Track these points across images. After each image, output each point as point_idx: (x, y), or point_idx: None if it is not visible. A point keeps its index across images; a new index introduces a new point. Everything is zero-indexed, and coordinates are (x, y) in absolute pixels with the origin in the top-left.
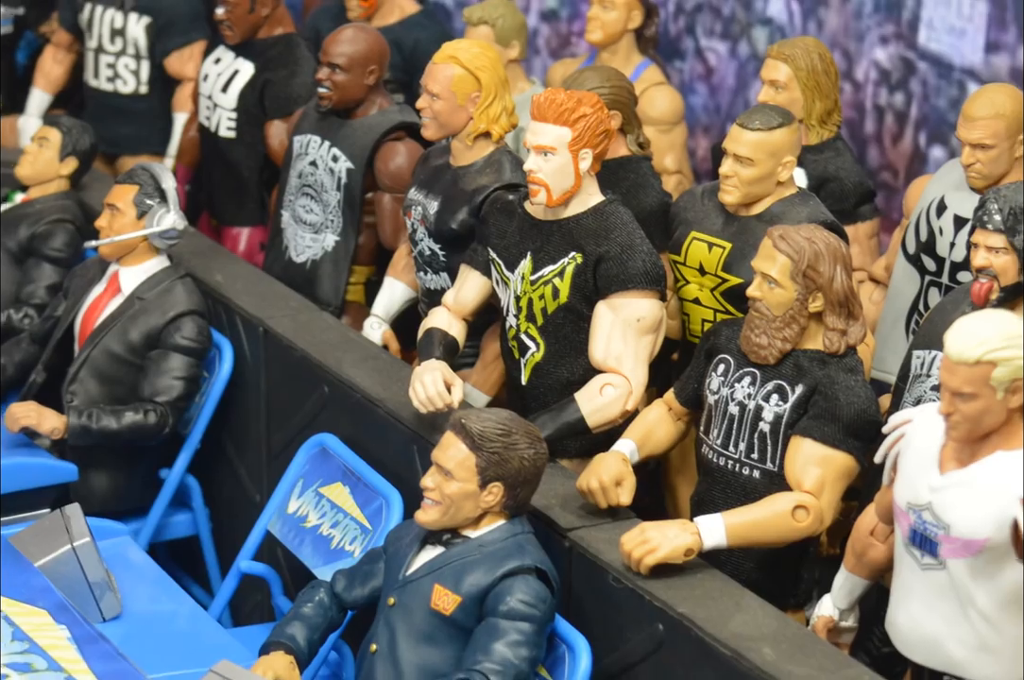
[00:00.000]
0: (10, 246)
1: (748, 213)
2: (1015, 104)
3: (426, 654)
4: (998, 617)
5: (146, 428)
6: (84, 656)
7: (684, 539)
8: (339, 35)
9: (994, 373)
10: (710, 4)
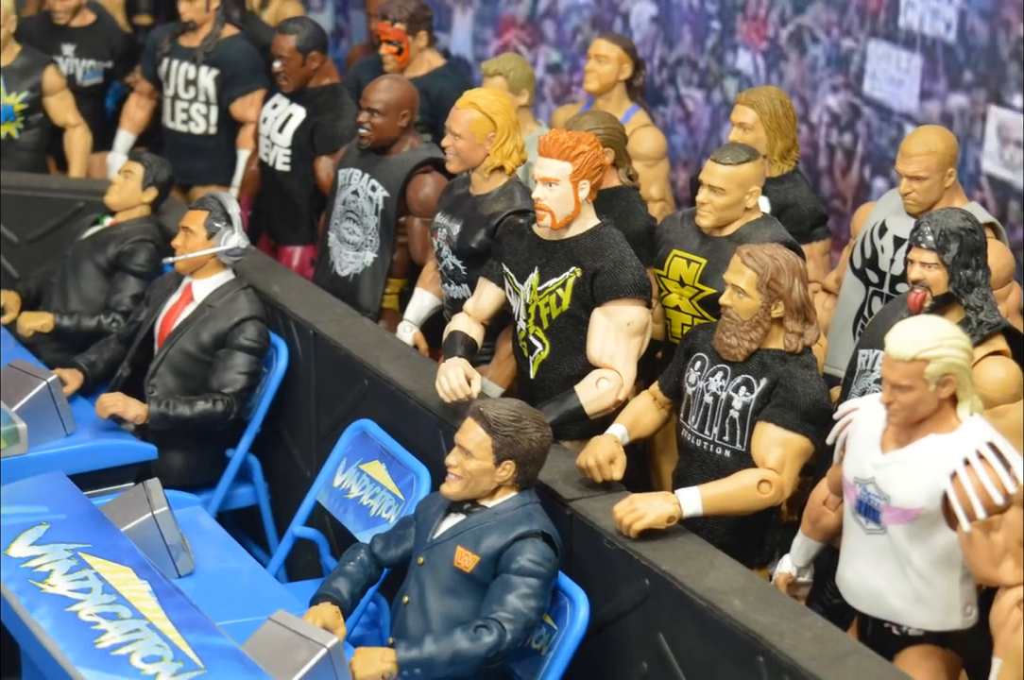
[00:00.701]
0: (100, 262)
1: (721, 234)
2: (945, 143)
3: (450, 605)
4: (931, 574)
5: (214, 415)
6: (162, 606)
7: (667, 508)
8: (377, 85)
9: (927, 369)
10: (688, 58)
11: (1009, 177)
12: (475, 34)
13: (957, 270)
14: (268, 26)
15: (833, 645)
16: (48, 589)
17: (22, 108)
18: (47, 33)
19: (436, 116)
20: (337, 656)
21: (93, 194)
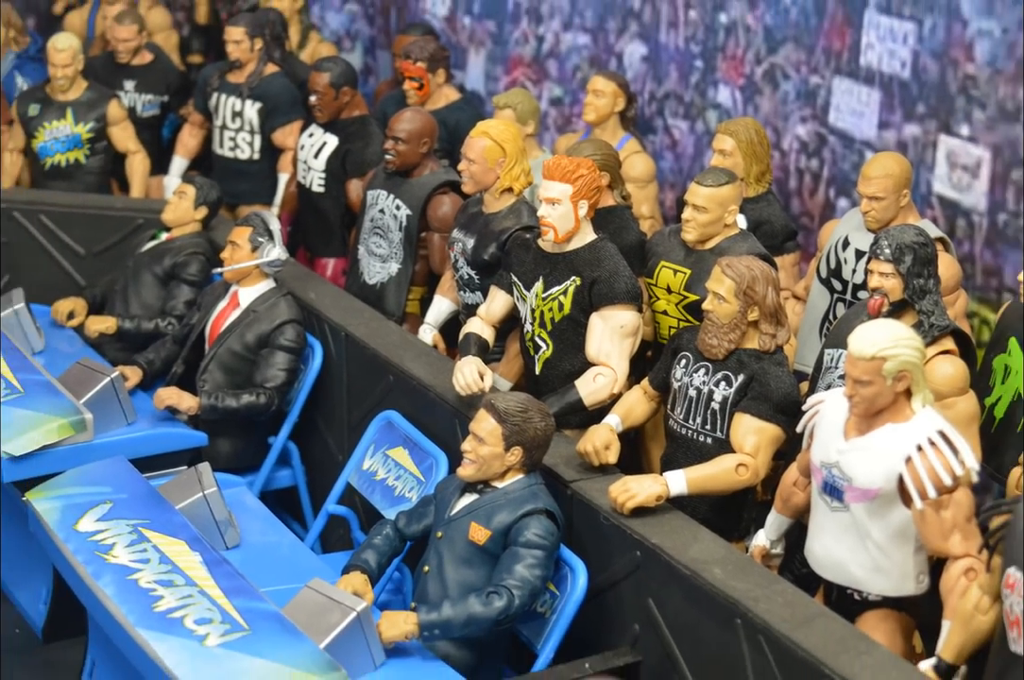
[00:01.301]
0: (157, 272)
1: (703, 247)
2: (901, 167)
3: (465, 574)
4: (888, 546)
5: (258, 407)
6: (212, 575)
7: (656, 488)
8: (401, 116)
9: (885, 366)
10: (675, 93)
11: (957, 198)
12: (487, 71)
13: (911, 279)
14: (305, 64)
15: (802, 609)
16: (111, 560)
17: (89, 137)
18: (110, 71)
19: (453, 144)
20: (366, 619)
21: (151, 212)
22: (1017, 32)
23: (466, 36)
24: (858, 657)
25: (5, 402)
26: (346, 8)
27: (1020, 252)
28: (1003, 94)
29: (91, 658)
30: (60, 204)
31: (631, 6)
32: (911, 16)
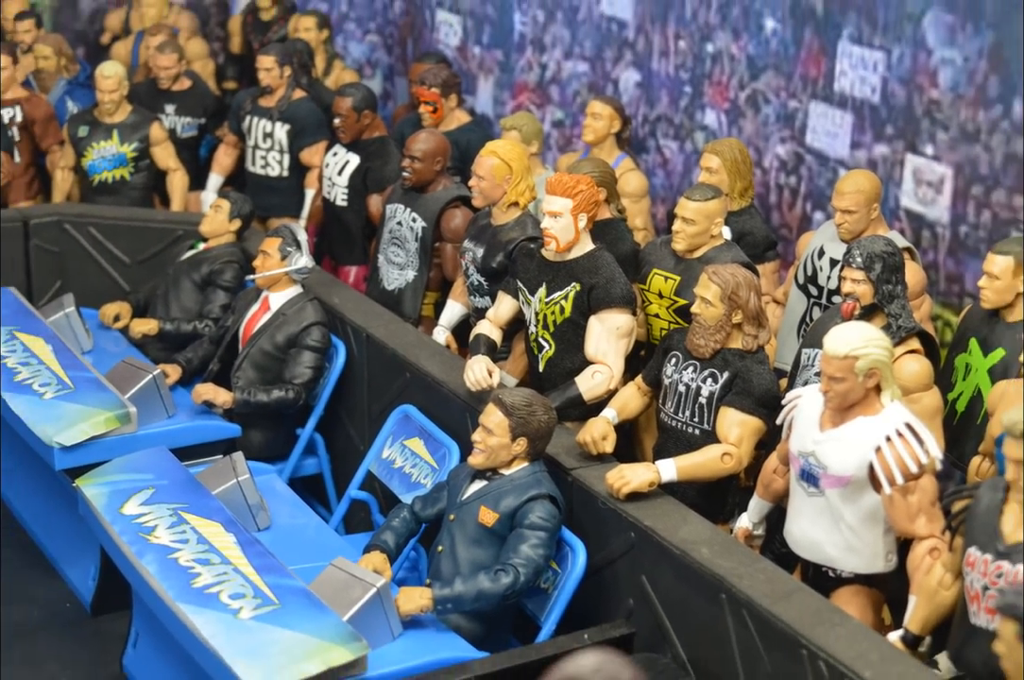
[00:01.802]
0: (195, 278)
1: (692, 256)
2: (871, 183)
3: (475, 553)
4: (859, 528)
5: (287, 401)
6: (245, 554)
7: (648, 475)
8: (417, 137)
9: (856, 364)
10: (666, 116)
11: (922, 211)
12: (495, 96)
13: (881, 285)
14: (329, 90)
15: (781, 585)
16: (154, 540)
17: (133, 156)
18: (153, 96)
19: (464, 162)
20: (385, 594)
21: (190, 224)
22: (977, 61)
23: (476, 64)
24: (832, 629)
25: (57, 397)
26: (367, 39)
27: (979, 260)
28: (964, 117)
29: (135, 630)
30: (107, 217)
31: (626, 37)
32: (880, 46)
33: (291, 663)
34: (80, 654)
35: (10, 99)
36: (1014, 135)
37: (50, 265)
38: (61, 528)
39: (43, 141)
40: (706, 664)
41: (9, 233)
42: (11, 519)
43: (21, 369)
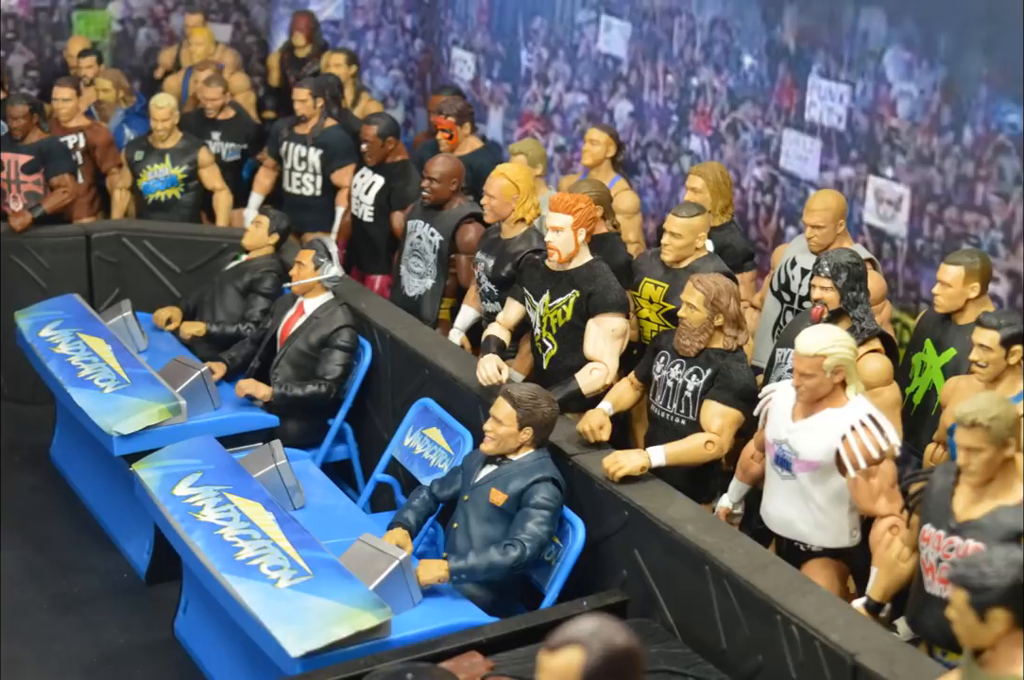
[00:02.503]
0: (238, 286)
1: (678, 266)
2: (838, 202)
3: (487, 529)
4: (827, 507)
5: (319, 395)
6: (283, 530)
7: (641, 460)
8: (435, 161)
9: (824, 362)
10: (655, 142)
11: (883, 226)
12: (504, 125)
13: (846, 292)
14: (357, 119)
15: (758, 558)
16: (201, 518)
17: (183, 177)
18: (200, 124)
19: (476, 183)
20: (406, 566)
21: (233, 238)
22: (931, 93)
23: (487, 96)
24: (803, 597)
25: (116, 391)
26: (390, 73)
27: (934, 270)
28: (920, 143)
29: (185, 597)
30: (160, 231)
31: (620, 72)
32: (846, 80)
33: (323, 627)
34: (136, 619)
35: (74, 127)
36: (964, 159)
37: (109, 274)
38: (119, 507)
39: (103, 164)
40: (691, 628)
41: (73, 246)
42: (74, 499)
43: (84, 366)
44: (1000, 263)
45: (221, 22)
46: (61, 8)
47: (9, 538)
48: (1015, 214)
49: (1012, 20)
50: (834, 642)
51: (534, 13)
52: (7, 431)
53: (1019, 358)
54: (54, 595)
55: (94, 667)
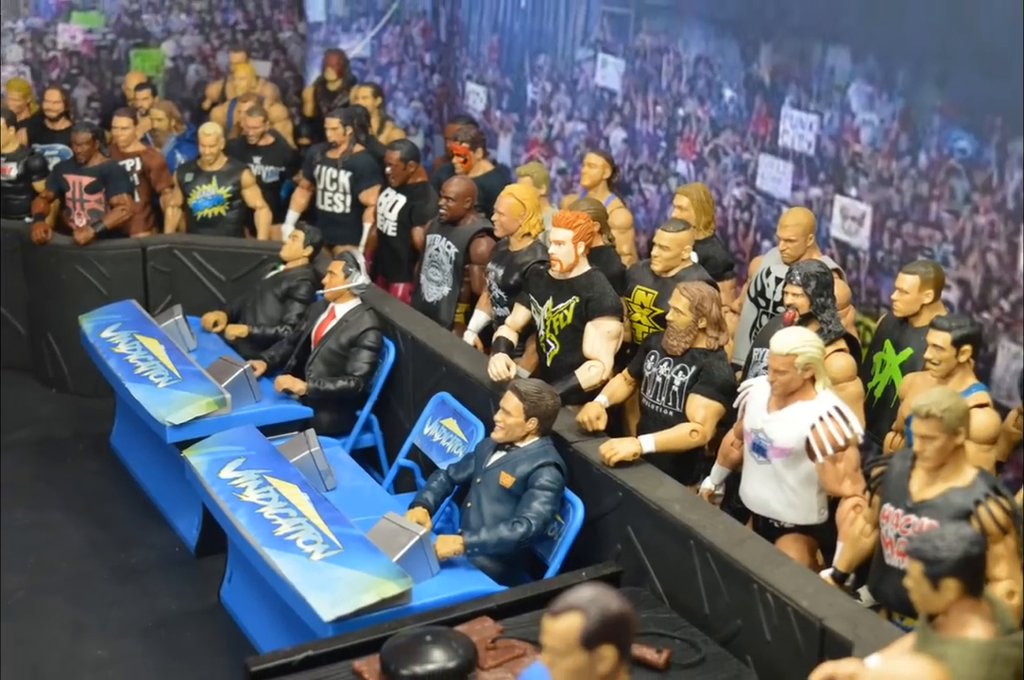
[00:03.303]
0: (277, 293)
1: (667, 276)
2: (808, 218)
3: (496, 508)
4: (798, 488)
5: (348, 389)
6: (316, 509)
7: (633, 447)
8: (451, 182)
9: (796, 360)
10: (646, 165)
11: (847, 240)
12: (512, 150)
13: (815, 298)
14: (382, 144)
15: (737, 533)
16: (244, 498)
17: (228, 196)
18: (243, 149)
19: (488, 201)
20: (426, 540)
21: (272, 250)
22: (891, 122)
23: (497, 124)
24: (777, 568)
25: (168, 386)
26: (411, 105)
27: (892, 279)
28: (880, 166)
29: (230, 568)
30: (207, 244)
31: (615, 103)
32: (815, 110)
33: (352, 595)
34: (186, 588)
35: (131, 152)
36: (919, 180)
37: (163, 283)
38: (171, 488)
39: (157, 185)
40: (678, 596)
41: (131, 257)
42: (132, 482)
43: (140, 364)
44: (951, 272)
45: (262, 59)
46: (120, 46)
47: (74, 516)
48: (964, 229)
49: (962, 58)
50: (804, 608)
51: (539, 51)
52: (73, 422)
53: (968, 357)
54: (114, 567)
55: (149, 630)
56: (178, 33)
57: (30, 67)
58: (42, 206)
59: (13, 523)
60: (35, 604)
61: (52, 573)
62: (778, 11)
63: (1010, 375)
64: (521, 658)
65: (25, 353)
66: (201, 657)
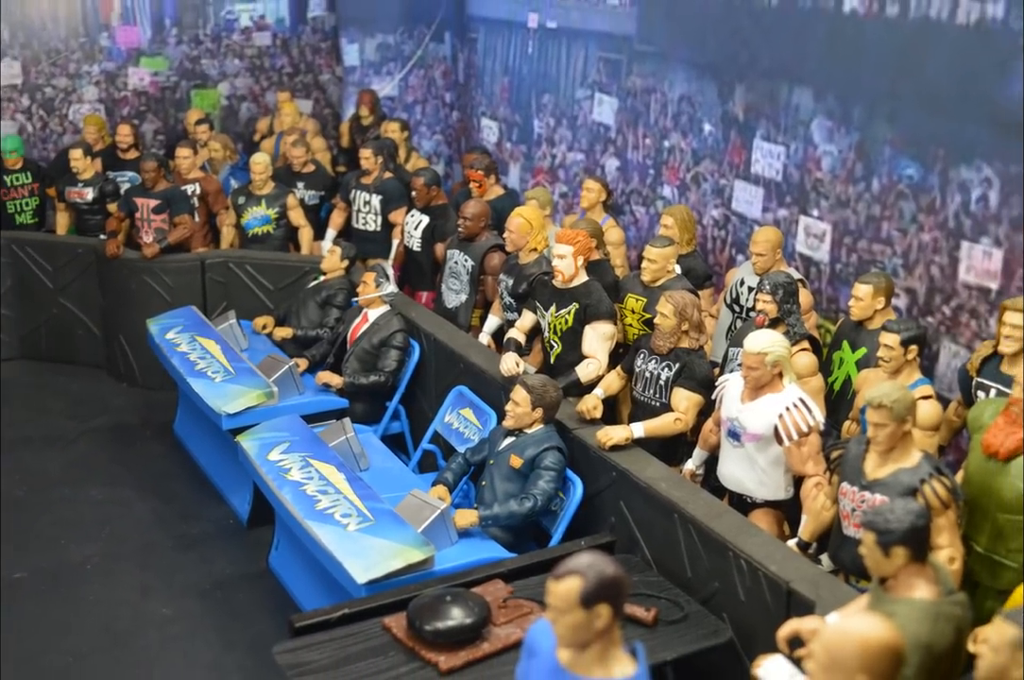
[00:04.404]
0: (317, 300)
1: (654, 285)
2: (776, 235)
3: (507, 486)
4: (768, 469)
5: (380, 383)
6: (351, 487)
7: (625, 433)
8: (468, 204)
9: (766, 358)
10: (637, 190)
11: (810, 254)
12: (521, 176)
13: (782, 305)
14: (408, 172)
15: (715, 508)
16: (289, 477)
17: (275, 217)
18: (288, 176)
19: (500, 221)
20: (446, 514)
21: (314, 263)
22: (847, 152)
23: (508, 154)
24: (750, 537)
25: (223, 380)
26: (434, 137)
27: (849, 288)
28: (839, 191)
29: (277, 537)
30: (257, 258)
31: (610, 136)
32: (782, 142)
33: (382, 560)
34: (239, 554)
35: (192, 178)
36: (872, 203)
37: (219, 291)
38: (226, 469)
39: (214, 207)
40: (664, 562)
41: (191, 270)
42: (192, 463)
43: (199, 361)
44: (900, 282)
45: (304, 98)
46: (182, 87)
47: (142, 493)
48: (911, 245)
49: (909, 98)
50: (773, 573)
51: (544, 91)
52: (141, 412)
53: (915, 355)
54: (176, 537)
55: (207, 592)
56: (232, 75)
57: (104, 105)
58: (114, 225)
59: (90, 499)
60: (109, 569)
61: (123, 542)
62: (750, 57)
63: (951, 371)
64: (528, 615)
65: (100, 353)
66: (252, 615)
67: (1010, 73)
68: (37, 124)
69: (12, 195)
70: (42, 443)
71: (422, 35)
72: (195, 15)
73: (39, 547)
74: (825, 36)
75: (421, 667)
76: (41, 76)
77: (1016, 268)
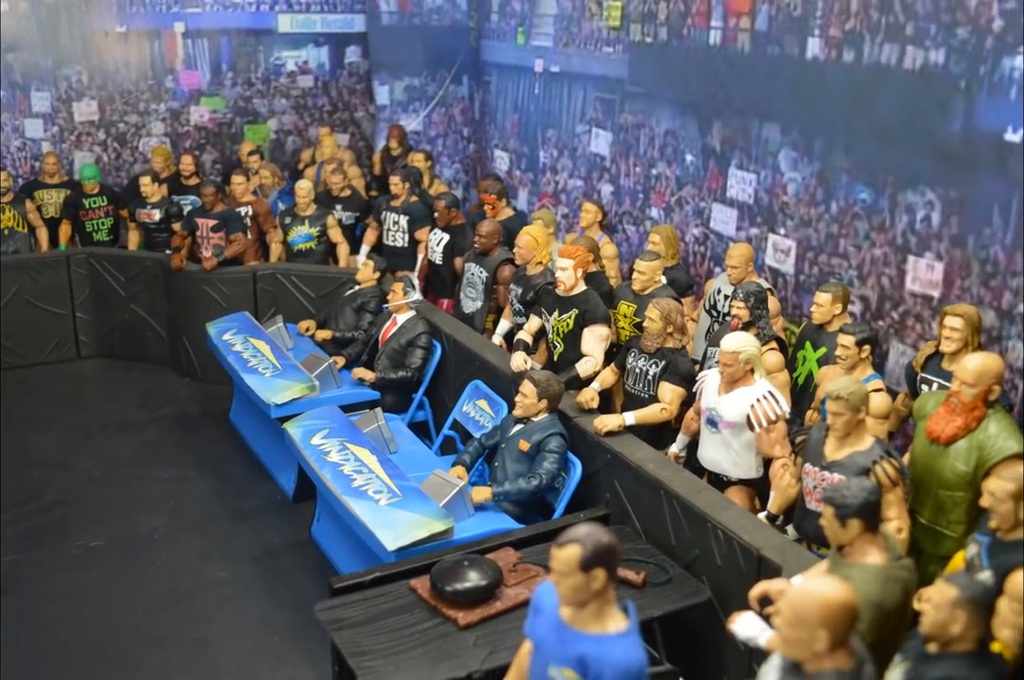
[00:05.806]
0: (353, 306)
1: (644, 293)
2: (748, 250)
3: (517, 467)
4: (741, 452)
5: (407, 379)
6: (382, 467)
7: (619, 421)
8: (482, 224)
9: (739, 356)
10: (628, 212)
11: (778, 267)
12: (528, 200)
13: (753, 310)
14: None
15: (696, 485)
16: (329, 459)
17: (317, 235)
18: (328, 200)
19: (510, 238)
20: (464, 491)
21: (350, 275)
22: (810, 179)
23: (517, 181)
24: (726, 511)
25: (272, 375)
26: (453, 166)
27: (811, 296)
28: (802, 212)
29: (319, 511)
30: (301, 271)
31: (605, 165)
32: (753, 170)
33: (409, 531)
34: (285, 526)
35: (245, 201)
36: (831, 223)
37: (268, 299)
38: (274, 451)
39: (264, 226)
40: (652, 532)
41: (244, 280)
42: (245, 447)
43: (251, 359)
44: (855, 291)
45: (342, 132)
46: (236, 123)
47: (202, 473)
48: (865, 259)
49: (863, 131)
50: (746, 541)
51: (548, 126)
52: (201, 402)
53: (868, 354)
54: (232, 510)
55: (259, 558)
56: (280, 113)
57: (169, 138)
58: (178, 242)
59: (157, 478)
60: (173, 538)
61: (185, 515)
62: (726, 97)
63: (899, 367)
64: (535, 578)
65: (166, 351)
66: (297, 578)
67: (950, 111)
68: (112, 155)
69: (90, 216)
70: (116, 429)
71: (443, 78)
72: (248, 61)
73: (114, 519)
74: (791, 79)
75: (442, 622)
76: (115, 113)
77: (955, 279)
